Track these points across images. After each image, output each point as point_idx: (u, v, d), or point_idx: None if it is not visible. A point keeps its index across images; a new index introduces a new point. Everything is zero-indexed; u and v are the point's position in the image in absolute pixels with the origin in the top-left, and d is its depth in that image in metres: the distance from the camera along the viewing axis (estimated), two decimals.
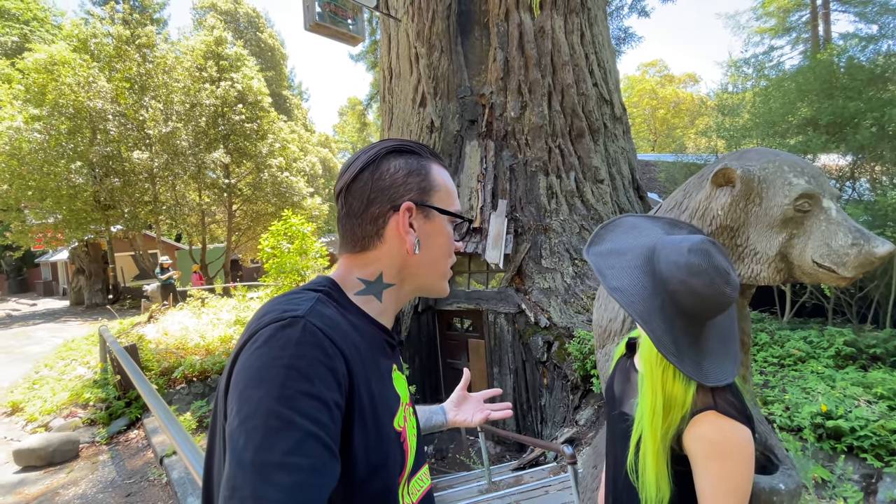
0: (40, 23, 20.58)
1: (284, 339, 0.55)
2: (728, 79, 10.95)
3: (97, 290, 16.92)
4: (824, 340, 4.01)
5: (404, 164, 0.75)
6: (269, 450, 0.48)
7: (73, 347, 8.00)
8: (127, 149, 14.51)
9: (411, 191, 0.74)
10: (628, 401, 1.08)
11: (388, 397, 0.69)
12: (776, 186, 1.41)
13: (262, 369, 0.53)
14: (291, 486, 0.47)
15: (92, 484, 3.86)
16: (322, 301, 0.66)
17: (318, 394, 0.53)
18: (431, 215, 0.76)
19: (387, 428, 0.66)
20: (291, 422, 0.50)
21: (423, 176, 0.76)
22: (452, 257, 0.81)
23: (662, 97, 30.12)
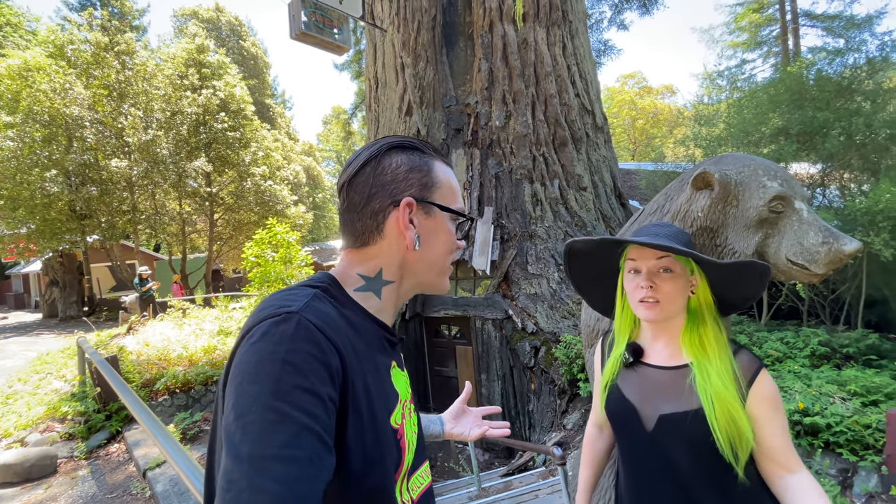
0: (13, 28, 20.07)
1: (279, 334, 0.56)
2: (703, 90, 11.35)
3: (72, 303, 16.41)
4: (800, 341, 4.16)
5: (406, 159, 0.75)
6: (266, 443, 0.49)
7: (48, 361, 7.74)
8: (105, 157, 14.22)
9: (412, 186, 0.74)
10: (665, 402, 1.06)
11: (385, 394, 0.69)
12: (752, 189, 1.50)
13: (257, 364, 0.54)
14: (287, 477, 0.48)
15: (72, 500, 3.73)
16: (319, 297, 0.66)
17: (313, 388, 0.54)
18: (432, 212, 0.76)
19: (383, 424, 0.66)
20: (287, 415, 0.51)
21: (424, 172, 0.75)
22: (454, 255, 0.80)
23: (641, 108, 30.92)
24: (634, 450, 1.14)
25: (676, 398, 1.05)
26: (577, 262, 1.29)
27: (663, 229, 1.12)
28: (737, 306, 1.15)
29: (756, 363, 1.02)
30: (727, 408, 0.96)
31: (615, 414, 1.16)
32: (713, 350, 1.03)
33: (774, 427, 0.99)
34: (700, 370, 1.02)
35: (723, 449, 0.96)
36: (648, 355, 1.15)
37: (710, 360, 1.02)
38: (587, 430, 1.41)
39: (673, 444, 1.04)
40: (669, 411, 1.05)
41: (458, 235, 0.80)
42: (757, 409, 0.99)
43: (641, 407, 1.09)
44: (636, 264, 1.10)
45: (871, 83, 5.07)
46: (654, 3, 11.66)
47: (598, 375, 1.33)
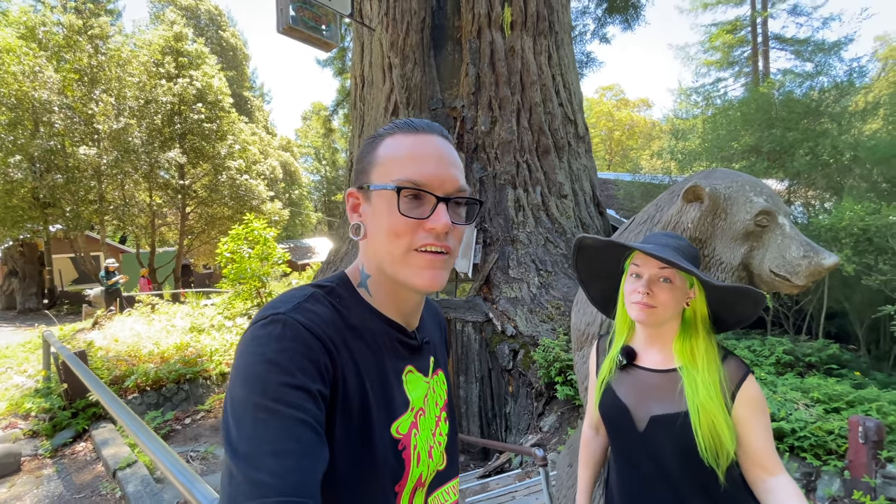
0: None
1: (265, 336, 0.58)
2: (679, 105, 11.77)
3: (31, 294, 15.63)
4: (766, 349, 4.35)
5: (362, 150, 0.73)
6: (260, 440, 0.51)
7: (8, 355, 7.35)
8: (72, 144, 13.62)
9: (361, 174, 0.71)
10: (656, 404, 1.10)
11: (389, 400, 0.67)
12: (739, 203, 1.59)
13: (245, 368, 0.56)
14: (283, 469, 0.49)
15: (38, 499, 3.57)
16: (314, 298, 0.66)
17: (302, 384, 0.55)
18: (369, 195, 0.69)
19: (378, 431, 0.64)
20: (277, 412, 0.52)
21: (366, 156, 0.71)
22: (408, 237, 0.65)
23: (618, 119, 31.73)
24: (626, 449, 1.18)
25: (667, 400, 1.10)
26: (584, 257, 1.33)
27: (673, 241, 1.17)
28: (730, 326, 1.19)
29: (743, 369, 1.08)
30: (710, 418, 1.02)
31: (609, 414, 1.20)
32: (702, 361, 1.08)
33: (757, 430, 1.05)
34: (688, 378, 1.07)
35: (704, 455, 1.02)
36: (642, 358, 1.19)
37: (698, 370, 1.07)
38: (583, 431, 1.45)
39: (663, 444, 1.09)
40: (660, 412, 1.09)
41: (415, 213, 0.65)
42: (742, 413, 1.05)
43: (634, 408, 1.14)
44: (639, 269, 1.14)
45: (838, 106, 5.37)
46: (636, 19, 12.04)
47: (592, 377, 1.38)
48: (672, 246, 1.14)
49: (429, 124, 0.71)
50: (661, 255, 1.07)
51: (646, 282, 1.11)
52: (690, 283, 1.13)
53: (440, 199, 0.65)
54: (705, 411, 1.02)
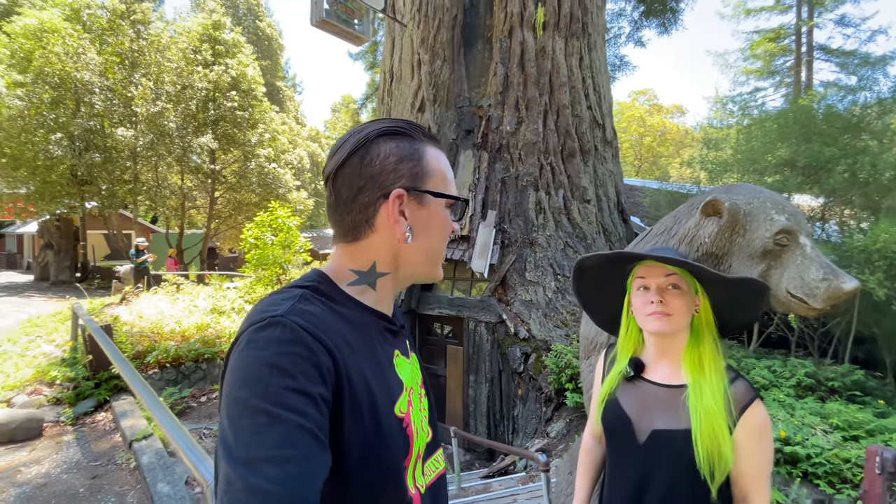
0: None
1: (264, 339, 0.57)
2: (713, 114, 11.44)
3: (65, 267, 16.34)
4: (787, 371, 4.21)
5: (395, 148, 0.71)
6: (259, 445, 0.50)
7: (39, 324, 7.72)
8: (111, 125, 14.16)
9: (403, 177, 0.71)
10: (659, 418, 1.10)
11: (388, 384, 0.69)
12: (759, 220, 1.55)
13: (244, 370, 0.55)
14: (283, 476, 0.48)
15: (56, 464, 3.75)
16: (305, 298, 0.66)
17: (303, 388, 0.54)
18: (425, 200, 0.73)
19: (386, 415, 0.66)
20: (278, 417, 0.51)
21: (415, 161, 0.72)
22: (447, 240, 0.79)
23: (650, 125, 31.05)
24: (623, 460, 1.18)
25: (671, 416, 1.08)
26: (585, 279, 1.33)
27: (667, 252, 1.18)
28: (733, 329, 1.21)
29: (752, 393, 1.06)
30: (713, 425, 1.00)
31: (610, 424, 1.19)
32: (710, 369, 1.07)
33: (752, 457, 1.03)
34: (695, 388, 1.06)
35: (700, 464, 1.01)
36: (650, 372, 1.18)
37: (706, 378, 1.06)
38: (584, 440, 1.45)
39: (661, 459, 1.08)
40: (662, 427, 1.09)
41: (454, 218, 0.78)
42: (742, 437, 1.02)
43: (636, 420, 1.13)
44: (645, 281, 1.14)
45: (880, 123, 5.13)
46: (673, 23, 11.73)
47: (597, 386, 1.37)
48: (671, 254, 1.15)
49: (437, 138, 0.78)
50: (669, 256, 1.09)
51: (655, 290, 1.11)
52: (695, 290, 1.13)
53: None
54: (709, 418, 1.01)
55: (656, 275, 1.12)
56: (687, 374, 1.10)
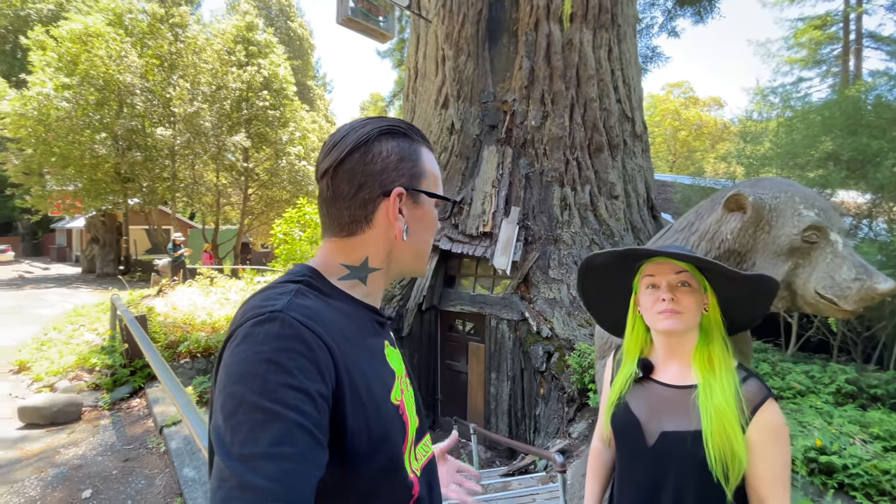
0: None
1: (263, 334, 0.56)
2: (753, 106, 10.89)
3: (109, 260, 17.22)
4: (826, 376, 3.99)
5: (396, 147, 0.73)
6: (255, 442, 0.49)
7: (83, 313, 8.16)
8: (151, 124, 14.79)
9: (402, 176, 0.73)
10: (669, 419, 1.07)
11: (383, 374, 0.71)
12: (786, 216, 1.45)
13: (241, 365, 0.54)
14: (278, 474, 0.48)
15: (92, 446, 3.96)
16: (301, 292, 0.65)
17: (301, 385, 0.54)
18: (420, 200, 0.76)
19: (384, 403, 0.67)
20: (276, 413, 0.51)
21: (414, 161, 0.75)
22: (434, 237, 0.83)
23: (685, 119, 29.94)
24: (632, 463, 1.15)
25: (681, 417, 1.06)
26: (591, 279, 1.31)
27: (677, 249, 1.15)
28: (742, 325, 1.18)
29: (764, 392, 1.02)
30: (724, 424, 0.97)
31: (619, 427, 1.17)
32: (720, 368, 1.04)
33: (766, 459, 0.98)
34: (705, 388, 1.03)
35: (713, 465, 0.97)
36: (659, 372, 1.16)
37: (716, 377, 1.03)
38: (593, 444, 1.42)
39: (671, 461, 1.05)
40: (672, 429, 1.06)
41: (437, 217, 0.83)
42: (755, 438, 0.99)
43: (646, 422, 1.11)
44: (655, 279, 1.11)
45: None
46: (709, 12, 11.19)
47: (606, 388, 1.34)
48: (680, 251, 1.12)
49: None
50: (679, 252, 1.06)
51: (666, 288, 1.09)
52: (704, 288, 1.10)
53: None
54: (719, 417, 0.98)
55: (666, 272, 1.09)
56: (697, 374, 1.07)
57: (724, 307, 1.11)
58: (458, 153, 7.03)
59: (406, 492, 0.69)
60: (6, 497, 3.15)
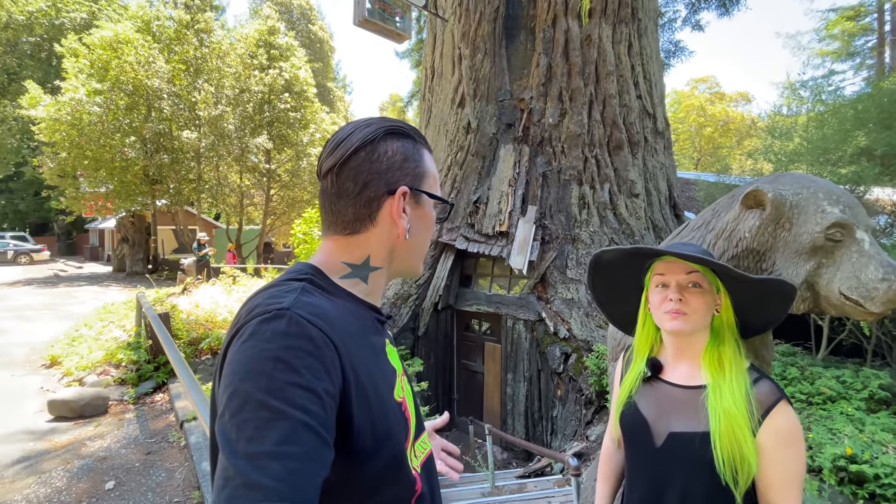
0: (108, 2, 21.80)
1: (270, 331, 0.56)
2: (783, 100, 10.49)
3: (138, 259, 17.78)
4: (858, 382, 3.81)
5: (401, 147, 0.74)
6: (261, 440, 0.49)
7: (112, 311, 8.45)
8: (178, 128, 15.21)
9: (407, 176, 0.74)
10: (677, 420, 1.05)
11: (386, 372, 0.71)
12: (808, 213, 1.38)
13: (248, 362, 0.54)
14: (284, 473, 0.48)
15: (116, 439, 4.09)
16: (307, 290, 0.65)
17: (308, 384, 0.53)
18: (421, 200, 0.77)
19: (389, 401, 0.68)
20: (282, 412, 0.50)
21: (417, 162, 0.76)
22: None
23: (711, 115, 29.11)
24: (640, 463, 1.14)
25: (690, 418, 1.04)
26: (601, 275, 1.28)
27: (690, 248, 1.12)
28: (756, 330, 1.14)
29: (777, 393, 0.98)
30: (732, 426, 0.95)
31: (627, 427, 1.16)
32: (730, 370, 1.02)
33: (777, 463, 0.94)
34: (714, 389, 1.01)
35: (721, 468, 0.94)
36: (668, 372, 1.14)
37: (726, 379, 1.01)
38: (604, 444, 1.40)
39: (679, 462, 1.04)
40: (680, 430, 1.04)
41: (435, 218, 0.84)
42: (766, 441, 0.95)
43: (654, 422, 1.09)
44: (664, 278, 1.10)
45: None
46: (735, 4, 10.84)
47: (616, 391, 1.32)
48: (692, 251, 1.09)
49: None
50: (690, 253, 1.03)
51: (675, 288, 1.07)
52: (717, 288, 1.07)
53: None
54: (728, 419, 0.95)
55: (676, 272, 1.07)
56: (706, 375, 1.04)
57: (737, 309, 1.08)
58: (474, 152, 7.00)
59: (410, 488, 0.69)
60: (34, 487, 3.28)
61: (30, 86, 14.75)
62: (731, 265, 1.60)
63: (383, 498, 0.66)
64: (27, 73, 19.71)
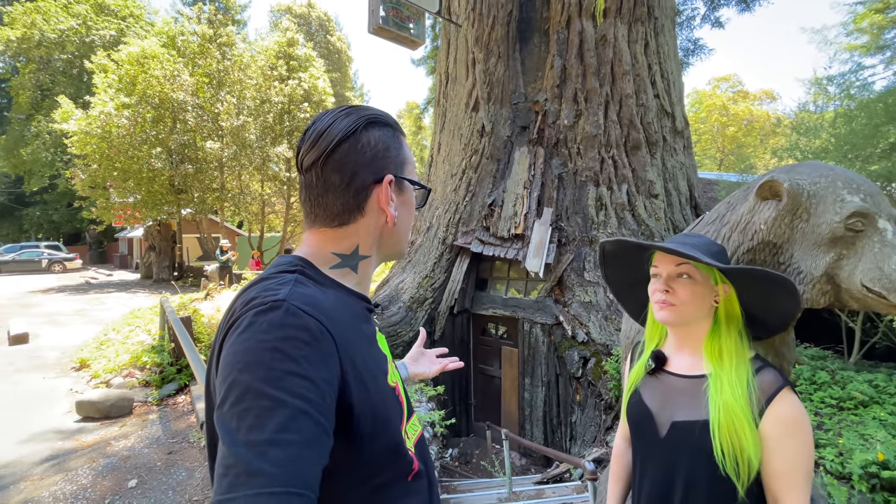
0: (136, 19, 22.69)
1: (267, 323, 0.56)
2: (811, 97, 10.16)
3: (165, 267, 18.30)
4: (892, 385, 3.64)
5: (382, 136, 0.75)
6: (261, 429, 0.49)
7: (139, 315, 8.71)
8: (201, 138, 15.66)
9: (390, 164, 0.76)
10: (680, 409, 1.05)
11: (379, 359, 0.73)
12: (827, 202, 1.33)
13: (246, 353, 0.54)
14: (284, 460, 0.48)
15: (140, 439, 4.20)
16: (300, 281, 0.66)
17: (306, 373, 0.54)
18: (404, 187, 0.79)
19: (384, 387, 0.70)
20: (281, 401, 0.51)
21: (398, 150, 0.78)
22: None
23: (734, 114, 28.43)
24: (646, 455, 1.13)
25: (691, 407, 1.03)
26: (612, 267, 1.31)
27: (691, 239, 1.14)
28: (771, 327, 1.10)
29: (779, 381, 0.97)
30: (732, 419, 0.93)
31: (633, 419, 1.17)
32: (730, 361, 1.01)
33: (779, 453, 0.92)
34: (715, 381, 1.00)
35: (720, 459, 0.93)
36: (672, 363, 1.14)
37: (725, 370, 1.00)
38: (616, 442, 1.38)
39: (682, 452, 1.03)
40: (682, 419, 1.04)
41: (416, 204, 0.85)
42: (768, 430, 0.93)
43: (658, 413, 1.09)
44: (657, 269, 1.12)
45: None
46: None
47: (625, 385, 1.31)
48: (690, 243, 1.09)
49: None
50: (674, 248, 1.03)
51: (664, 279, 1.09)
52: (716, 280, 1.06)
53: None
54: (727, 411, 0.94)
55: (667, 263, 1.09)
56: (708, 365, 1.04)
57: (744, 302, 1.07)
58: (488, 155, 6.99)
59: (407, 466, 0.71)
60: (61, 485, 3.39)
61: (62, 101, 15.42)
62: (746, 258, 1.56)
63: (384, 479, 0.68)
64: (60, 88, 20.60)
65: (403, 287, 6.95)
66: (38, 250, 22.15)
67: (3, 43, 19.25)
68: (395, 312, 6.59)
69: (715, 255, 1.08)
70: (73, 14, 20.75)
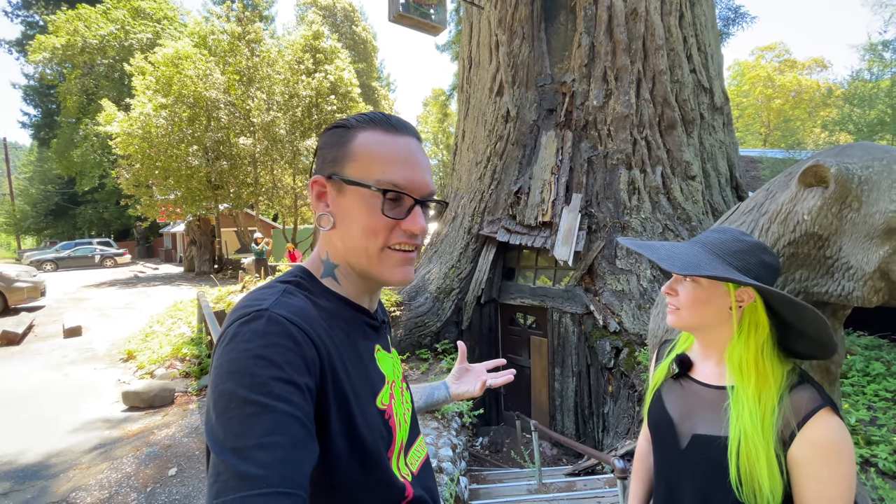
0: (170, 21, 23.39)
1: (250, 332, 0.57)
2: (865, 64, 9.34)
3: (205, 260, 19.08)
4: None
5: (329, 137, 0.73)
6: (248, 435, 0.49)
7: (180, 308, 9.11)
8: (234, 135, 16.09)
9: (326, 164, 0.72)
10: (701, 422, 0.99)
11: (369, 377, 0.71)
12: (881, 190, 1.17)
13: (230, 363, 0.55)
14: (273, 461, 0.48)
15: (180, 428, 4.40)
16: (289, 292, 0.66)
17: (290, 378, 0.54)
18: (343, 188, 0.70)
19: (368, 405, 0.68)
20: (266, 406, 0.51)
21: (340, 146, 0.71)
22: (384, 235, 0.70)
23: (780, 85, 26.63)
24: (665, 463, 1.08)
25: (713, 420, 0.96)
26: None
27: (714, 235, 1.02)
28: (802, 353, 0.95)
29: (817, 402, 0.85)
30: (749, 448, 0.85)
31: (654, 424, 1.11)
32: (751, 376, 0.91)
33: (816, 482, 0.82)
34: (736, 401, 0.91)
35: (737, 486, 0.87)
36: (697, 369, 1.07)
37: (746, 387, 0.90)
38: (639, 443, 1.33)
39: (699, 467, 0.97)
40: (703, 432, 0.97)
41: (393, 213, 0.69)
42: (800, 455, 0.83)
43: (679, 422, 1.03)
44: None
45: None
46: None
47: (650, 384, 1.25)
48: (710, 242, 0.98)
49: (405, 125, 0.74)
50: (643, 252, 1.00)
51: (671, 282, 1.04)
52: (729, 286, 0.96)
53: (417, 201, 0.71)
54: (746, 440, 0.85)
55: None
56: (730, 377, 0.95)
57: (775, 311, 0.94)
58: (514, 141, 6.81)
59: (398, 493, 0.70)
60: (106, 473, 3.60)
61: (105, 104, 16.16)
62: (788, 252, 1.42)
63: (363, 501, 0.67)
64: (103, 92, 21.56)
65: (430, 278, 6.94)
66: (91, 247, 23.55)
67: (49, 51, 20.27)
68: (421, 303, 6.59)
69: (734, 254, 0.96)
70: (112, 19, 21.58)
